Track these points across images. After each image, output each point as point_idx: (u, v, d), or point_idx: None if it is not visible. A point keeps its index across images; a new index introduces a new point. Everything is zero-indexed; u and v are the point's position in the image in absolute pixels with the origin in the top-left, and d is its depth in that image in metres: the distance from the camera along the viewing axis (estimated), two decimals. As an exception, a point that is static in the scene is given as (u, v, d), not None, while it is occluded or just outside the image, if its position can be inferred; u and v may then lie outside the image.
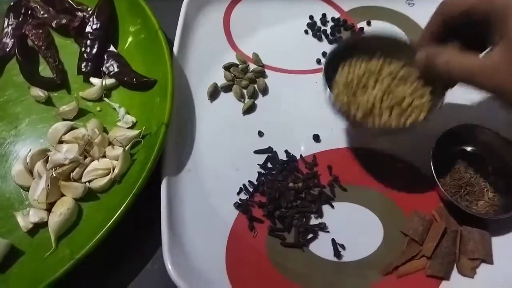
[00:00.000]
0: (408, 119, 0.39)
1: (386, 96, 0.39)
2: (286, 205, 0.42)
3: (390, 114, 0.39)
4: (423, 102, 0.39)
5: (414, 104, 0.39)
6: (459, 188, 0.42)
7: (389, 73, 0.40)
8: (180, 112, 0.46)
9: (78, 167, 0.42)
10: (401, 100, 0.39)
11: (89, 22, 0.50)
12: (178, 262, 0.37)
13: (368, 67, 0.41)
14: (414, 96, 0.39)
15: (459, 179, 0.43)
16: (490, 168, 0.44)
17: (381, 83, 0.40)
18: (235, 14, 0.54)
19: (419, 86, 0.39)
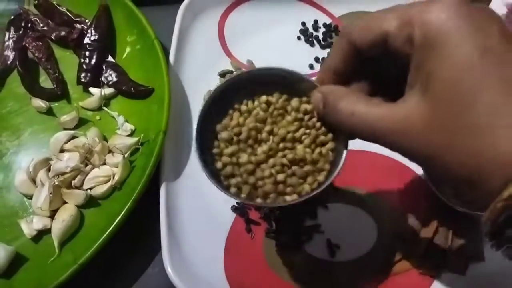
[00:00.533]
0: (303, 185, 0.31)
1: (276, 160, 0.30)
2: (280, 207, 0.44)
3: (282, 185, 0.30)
4: (324, 154, 0.31)
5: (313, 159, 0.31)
6: (451, 187, 0.43)
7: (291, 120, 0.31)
8: (177, 119, 0.47)
9: (80, 174, 0.43)
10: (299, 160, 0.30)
11: (87, 34, 0.51)
12: (177, 265, 0.38)
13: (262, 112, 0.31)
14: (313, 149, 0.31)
15: None
16: None
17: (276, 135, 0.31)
18: (229, 22, 0.55)
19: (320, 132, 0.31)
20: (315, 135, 0.31)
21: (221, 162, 0.31)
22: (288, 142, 0.31)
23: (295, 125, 0.31)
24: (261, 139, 0.31)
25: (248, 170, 0.30)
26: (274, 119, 0.31)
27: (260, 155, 0.30)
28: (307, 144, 0.31)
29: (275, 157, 0.30)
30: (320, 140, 0.31)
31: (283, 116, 0.32)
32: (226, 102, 0.32)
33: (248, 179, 0.30)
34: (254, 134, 0.31)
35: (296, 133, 0.31)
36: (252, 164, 0.30)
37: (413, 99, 0.24)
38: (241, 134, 0.31)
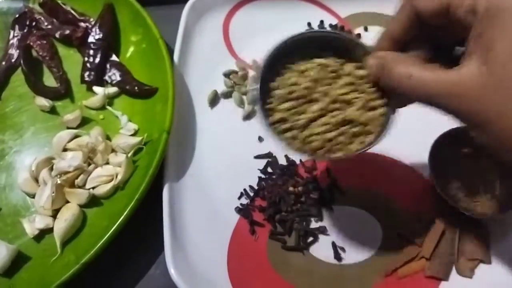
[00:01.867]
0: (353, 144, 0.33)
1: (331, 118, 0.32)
2: (286, 209, 0.43)
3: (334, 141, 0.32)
4: (374, 117, 0.32)
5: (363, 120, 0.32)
6: (457, 190, 0.43)
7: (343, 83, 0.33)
8: (181, 118, 0.47)
9: (82, 174, 0.43)
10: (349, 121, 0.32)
11: (91, 32, 0.51)
12: (180, 266, 0.38)
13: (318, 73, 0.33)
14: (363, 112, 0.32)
15: (458, 181, 0.43)
16: (488, 169, 0.44)
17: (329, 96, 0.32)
18: (234, 22, 0.55)
19: (372, 97, 0.32)
20: (366, 100, 0.32)
21: (276, 117, 0.32)
22: (340, 104, 0.32)
23: (348, 88, 0.32)
24: (314, 99, 0.32)
25: (300, 126, 0.32)
26: (327, 81, 0.33)
27: (312, 113, 0.32)
28: (358, 107, 0.32)
29: (326, 116, 0.32)
30: (371, 105, 0.32)
31: (336, 79, 0.33)
32: (281, 61, 0.34)
33: (300, 134, 0.32)
34: (308, 93, 0.32)
35: (348, 95, 0.32)
36: (304, 120, 0.32)
37: (471, 66, 0.24)
38: (295, 92, 0.32)
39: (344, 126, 0.32)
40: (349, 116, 0.32)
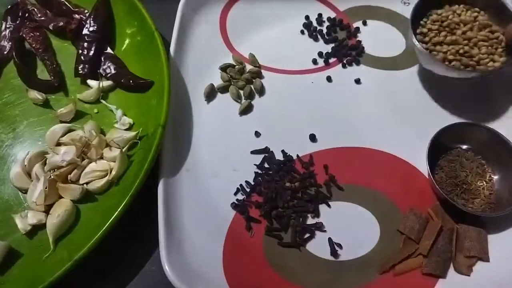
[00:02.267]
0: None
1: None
2: (283, 205, 0.42)
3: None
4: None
5: None
6: (455, 186, 0.42)
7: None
8: (177, 113, 0.46)
9: (76, 169, 0.42)
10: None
11: (86, 25, 0.50)
12: (175, 263, 0.37)
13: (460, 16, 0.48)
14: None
15: (455, 177, 0.43)
16: (486, 166, 0.44)
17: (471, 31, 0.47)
18: (231, 15, 0.54)
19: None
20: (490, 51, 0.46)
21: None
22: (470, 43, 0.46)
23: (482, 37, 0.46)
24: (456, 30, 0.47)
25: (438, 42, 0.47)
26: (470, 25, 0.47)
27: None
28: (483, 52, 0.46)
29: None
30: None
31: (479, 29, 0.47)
32: None
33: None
34: (453, 25, 0.47)
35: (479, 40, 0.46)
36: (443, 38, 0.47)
37: None
38: (447, 21, 0.48)
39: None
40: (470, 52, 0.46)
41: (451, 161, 0.44)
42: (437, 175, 0.43)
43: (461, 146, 0.45)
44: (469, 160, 0.44)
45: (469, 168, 0.43)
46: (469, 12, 0.49)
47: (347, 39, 0.53)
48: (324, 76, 0.51)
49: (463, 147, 0.45)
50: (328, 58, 0.52)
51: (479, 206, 0.42)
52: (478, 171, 0.43)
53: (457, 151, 0.44)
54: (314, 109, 0.49)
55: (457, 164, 0.44)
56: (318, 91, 0.50)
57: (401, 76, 0.51)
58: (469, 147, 0.45)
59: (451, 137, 0.44)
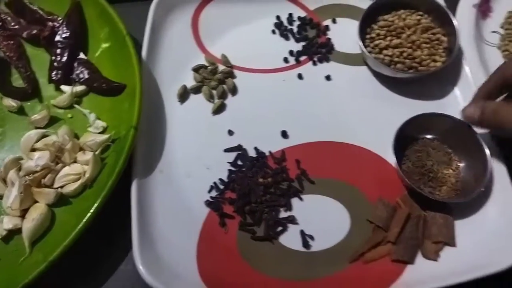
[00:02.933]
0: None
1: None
2: (255, 200, 0.43)
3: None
4: None
5: None
6: (422, 175, 0.44)
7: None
8: (150, 114, 0.47)
9: (50, 173, 0.43)
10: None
11: (59, 31, 0.51)
12: (149, 261, 0.38)
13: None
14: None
15: (422, 166, 0.44)
16: (453, 154, 0.45)
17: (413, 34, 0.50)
18: (203, 17, 0.55)
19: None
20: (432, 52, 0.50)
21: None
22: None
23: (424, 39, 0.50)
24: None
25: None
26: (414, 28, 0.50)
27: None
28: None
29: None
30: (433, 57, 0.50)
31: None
32: None
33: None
34: (399, 30, 0.51)
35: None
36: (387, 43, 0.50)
37: None
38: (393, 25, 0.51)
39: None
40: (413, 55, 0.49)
41: (418, 151, 0.45)
42: (404, 165, 0.44)
43: (426, 136, 0.46)
44: (435, 149, 0.45)
45: (436, 157, 0.45)
46: (413, 15, 0.52)
47: (317, 37, 0.54)
48: (295, 73, 0.52)
49: (429, 137, 0.46)
50: (299, 56, 0.53)
51: (446, 193, 0.43)
52: (444, 160, 0.45)
53: (423, 141, 0.46)
54: (285, 106, 0.50)
55: (423, 154, 0.45)
56: (290, 89, 0.51)
57: (370, 72, 0.52)
58: (434, 137, 0.46)
59: (417, 127, 0.45)
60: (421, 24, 0.51)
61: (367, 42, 0.52)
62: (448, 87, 0.50)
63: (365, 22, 0.52)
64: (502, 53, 0.55)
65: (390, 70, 0.49)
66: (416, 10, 0.52)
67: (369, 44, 0.51)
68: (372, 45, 0.51)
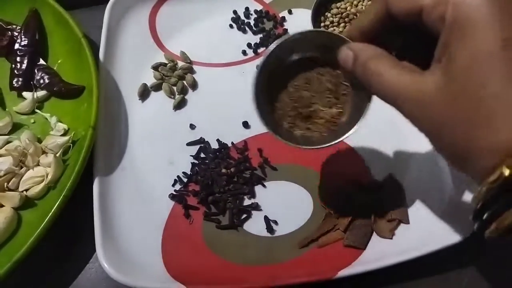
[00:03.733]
0: None
1: None
2: (219, 190, 0.44)
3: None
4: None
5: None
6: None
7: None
8: (110, 114, 0.48)
9: (14, 177, 0.43)
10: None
11: (17, 40, 0.51)
12: (113, 257, 0.38)
13: None
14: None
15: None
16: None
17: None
18: (160, 15, 0.56)
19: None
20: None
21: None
22: None
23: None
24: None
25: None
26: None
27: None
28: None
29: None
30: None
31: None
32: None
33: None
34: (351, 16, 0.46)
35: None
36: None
37: (436, 74, 0.25)
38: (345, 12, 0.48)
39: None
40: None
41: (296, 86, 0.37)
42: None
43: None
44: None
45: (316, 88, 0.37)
46: (365, 1, 0.53)
47: (274, 28, 0.55)
48: (255, 65, 0.53)
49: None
50: (257, 48, 0.54)
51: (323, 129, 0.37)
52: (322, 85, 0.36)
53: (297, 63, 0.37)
54: (246, 98, 0.49)
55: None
56: (249, 80, 0.51)
57: (327, 58, 0.53)
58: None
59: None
60: None
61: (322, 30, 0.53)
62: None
63: (318, 11, 0.53)
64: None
65: None
66: None
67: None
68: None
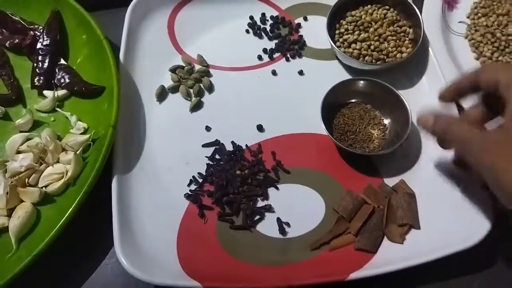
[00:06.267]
0: None
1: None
2: (233, 191, 0.45)
3: None
4: None
5: None
6: (351, 137, 0.48)
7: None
8: (129, 114, 0.49)
9: (34, 173, 0.44)
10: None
11: (40, 39, 0.53)
12: (130, 253, 0.40)
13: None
14: None
15: (350, 130, 0.49)
16: (377, 113, 0.50)
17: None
18: (179, 20, 0.57)
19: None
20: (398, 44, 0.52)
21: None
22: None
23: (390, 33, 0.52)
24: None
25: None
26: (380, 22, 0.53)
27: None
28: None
29: None
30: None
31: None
32: None
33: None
34: (366, 24, 0.53)
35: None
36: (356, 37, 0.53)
37: (498, 131, 0.34)
38: (360, 21, 0.53)
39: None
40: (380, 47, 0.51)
41: (344, 116, 0.50)
42: (335, 132, 0.49)
43: (351, 100, 0.51)
44: (361, 111, 0.50)
45: (361, 118, 0.49)
46: (380, 10, 0.55)
47: (290, 34, 0.57)
48: (270, 70, 0.54)
49: (353, 101, 0.51)
50: (273, 54, 0.55)
51: (374, 149, 0.47)
52: (370, 119, 0.49)
53: (349, 106, 0.50)
54: (260, 101, 0.52)
55: (350, 117, 0.49)
56: (264, 85, 0.53)
57: (341, 65, 0.54)
58: (359, 100, 0.50)
59: (342, 94, 0.50)
60: (387, 18, 0.53)
61: (337, 37, 0.54)
62: (416, 76, 0.53)
63: (333, 18, 0.54)
64: (469, 42, 0.58)
65: (359, 63, 0.51)
66: (382, 5, 0.55)
67: (338, 39, 0.54)
68: (341, 40, 0.53)
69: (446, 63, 0.53)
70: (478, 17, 0.59)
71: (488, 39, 0.56)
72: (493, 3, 0.59)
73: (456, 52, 0.56)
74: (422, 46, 0.52)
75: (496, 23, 0.57)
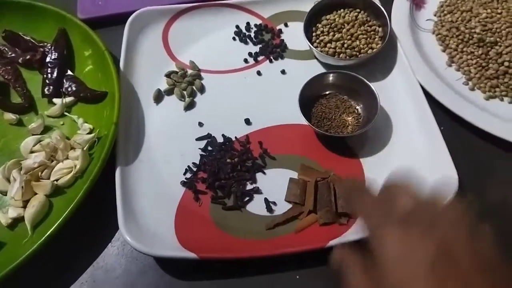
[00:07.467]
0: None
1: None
2: (224, 176, 0.50)
3: None
4: None
5: None
6: (328, 123, 0.53)
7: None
8: (130, 115, 0.54)
9: (46, 169, 0.50)
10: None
11: (49, 54, 0.59)
12: (133, 231, 0.44)
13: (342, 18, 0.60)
14: None
15: (327, 117, 0.54)
16: (350, 101, 0.55)
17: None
18: (172, 31, 0.63)
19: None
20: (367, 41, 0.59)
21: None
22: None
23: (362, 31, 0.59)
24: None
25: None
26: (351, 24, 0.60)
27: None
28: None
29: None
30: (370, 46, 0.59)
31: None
32: None
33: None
34: (340, 26, 0.60)
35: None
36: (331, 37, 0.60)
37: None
38: (334, 23, 0.60)
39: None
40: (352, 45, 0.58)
41: (322, 105, 0.55)
42: (313, 119, 0.54)
43: (326, 92, 0.56)
44: (336, 101, 0.56)
45: (336, 107, 0.55)
46: (352, 13, 0.61)
47: (272, 39, 0.63)
48: (255, 71, 0.60)
49: (328, 92, 0.56)
50: (257, 57, 0.61)
51: (351, 131, 0.53)
52: (344, 107, 0.55)
53: (325, 97, 0.56)
54: (247, 98, 0.57)
55: (326, 107, 0.55)
56: (251, 84, 0.59)
57: (319, 63, 0.60)
58: (332, 91, 0.56)
59: (317, 87, 0.55)
60: (358, 19, 0.59)
61: (314, 38, 0.60)
62: (387, 69, 0.58)
63: (310, 22, 0.60)
64: (436, 36, 0.64)
65: (335, 59, 0.57)
66: (354, 8, 0.61)
67: (315, 40, 0.60)
68: (318, 40, 0.59)
69: (414, 55, 0.59)
70: (444, 14, 0.65)
71: (453, 33, 0.62)
72: (458, 1, 0.65)
73: (424, 47, 0.62)
74: (391, 43, 0.58)
75: (460, 19, 0.62)
